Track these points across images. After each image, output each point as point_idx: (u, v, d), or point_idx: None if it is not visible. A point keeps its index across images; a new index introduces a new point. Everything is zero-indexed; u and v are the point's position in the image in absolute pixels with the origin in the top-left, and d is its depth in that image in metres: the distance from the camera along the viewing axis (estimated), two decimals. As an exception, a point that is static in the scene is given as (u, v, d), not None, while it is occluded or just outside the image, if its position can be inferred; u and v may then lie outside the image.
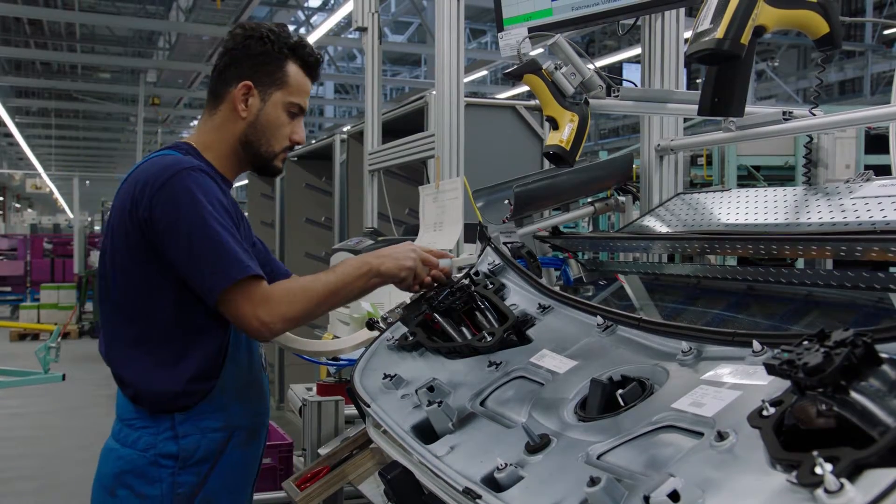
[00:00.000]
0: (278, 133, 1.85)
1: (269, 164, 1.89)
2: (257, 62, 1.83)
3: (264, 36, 1.83)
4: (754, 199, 1.97)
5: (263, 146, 1.85)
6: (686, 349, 1.33)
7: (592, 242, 2.11)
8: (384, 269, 1.79)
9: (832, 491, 0.76)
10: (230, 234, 1.68)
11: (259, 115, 1.83)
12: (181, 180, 1.68)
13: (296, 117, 1.88)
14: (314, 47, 1.91)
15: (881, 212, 1.59)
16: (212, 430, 1.75)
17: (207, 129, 1.87)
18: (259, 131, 1.84)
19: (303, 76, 1.87)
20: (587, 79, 1.87)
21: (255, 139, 1.84)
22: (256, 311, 1.65)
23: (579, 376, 1.43)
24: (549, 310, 1.72)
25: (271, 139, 1.85)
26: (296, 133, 1.89)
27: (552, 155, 1.84)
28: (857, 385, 0.86)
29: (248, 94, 1.82)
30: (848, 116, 1.78)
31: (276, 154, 1.87)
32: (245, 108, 1.82)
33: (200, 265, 1.65)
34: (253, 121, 1.83)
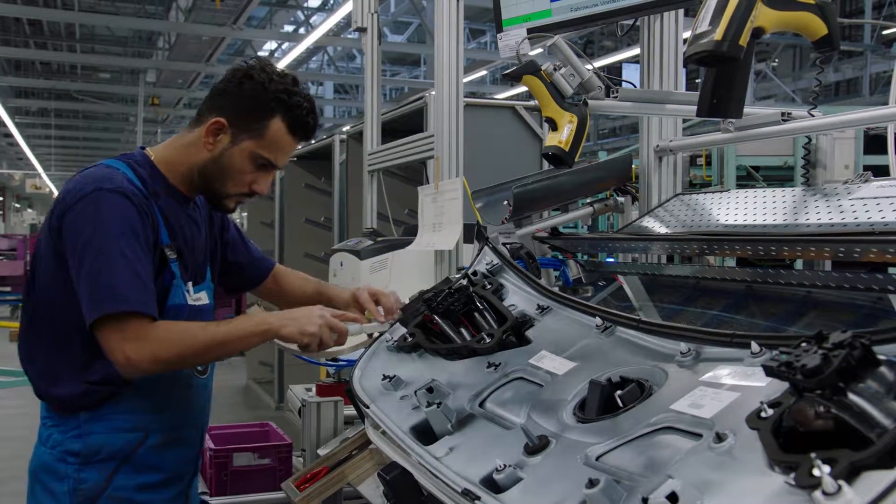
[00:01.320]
0: (237, 178, 1.81)
1: (219, 201, 1.86)
2: (242, 105, 1.78)
3: (261, 81, 1.78)
4: (753, 199, 1.97)
5: (217, 184, 1.82)
6: (685, 350, 1.33)
7: (591, 243, 2.12)
8: (285, 332, 1.74)
9: (830, 493, 0.76)
10: (128, 264, 1.64)
11: (223, 154, 1.79)
12: (95, 200, 1.66)
13: (264, 169, 1.83)
14: (315, 111, 1.85)
15: (880, 213, 1.59)
16: (120, 430, 1.76)
17: (176, 146, 1.85)
18: (217, 169, 1.80)
19: (285, 134, 1.80)
20: (586, 80, 1.87)
21: (211, 174, 1.81)
22: (124, 346, 1.62)
23: (578, 377, 1.43)
24: (547, 310, 1.72)
25: (227, 180, 1.82)
26: (258, 184, 1.84)
27: (551, 156, 1.84)
28: (854, 387, 0.86)
29: (219, 130, 1.79)
30: (846, 118, 1.78)
31: (228, 195, 1.84)
32: (212, 142, 1.79)
33: (83, 288, 1.64)
34: (215, 157, 1.80)
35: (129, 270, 1.63)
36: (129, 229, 1.66)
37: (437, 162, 2.95)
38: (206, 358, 1.78)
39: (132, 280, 1.64)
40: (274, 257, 7.38)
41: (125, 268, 1.63)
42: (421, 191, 3.06)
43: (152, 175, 1.80)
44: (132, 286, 1.64)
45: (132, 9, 14.22)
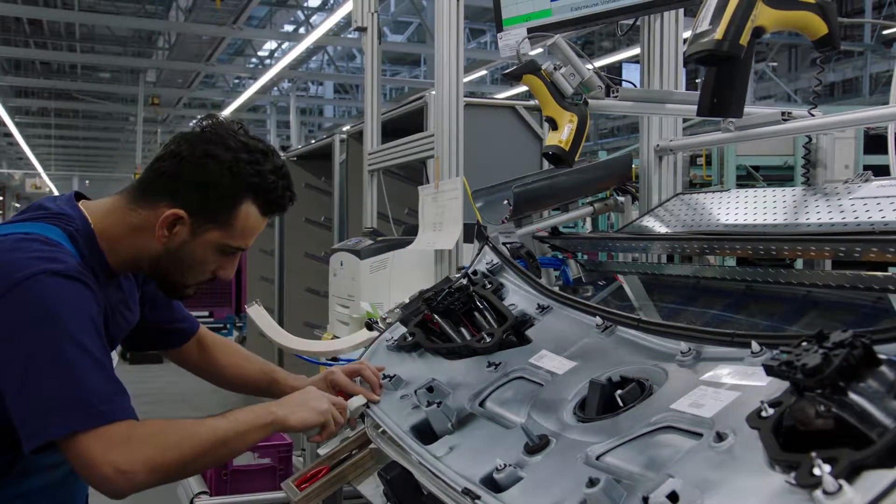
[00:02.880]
0: (198, 269, 1.55)
1: (174, 290, 1.59)
2: (205, 194, 1.48)
3: (226, 163, 1.47)
4: (753, 199, 1.97)
5: (175, 276, 1.55)
6: (685, 350, 1.33)
7: (592, 243, 2.12)
8: (294, 420, 1.48)
9: (831, 492, 0.76)
10: (92, 362, 1.33)
11: (182, 247, 1.51)
12: (32, 289, 1.32)
13: (231, 255, 1.56)
14: (290, 182, 1.57)
15: (880, 212, 1.59)
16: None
17: (118, 221, 1.52)
18: (175, 262, 1.52)
19: (257, 218, 1.53)
20: (586, 79, 1.87)
21: (166, 267, 1.53)
22: (112, 455, 1.28)
23: (578, 377, 1.43)
24: (548, 310, 1.73)
25: (186, 272, 1.55)
26: (223, 269, 1.57)
27: (551, 155, 1.84)
28: (855, 386, 0.86)
29: (176, 222, 1.48)
30: (847, 117, 1.78)
31: (186, 285, 1.57)
32: (167, 235, 1.49)
33: (34, 402, 1.29)
34: (173, 250, 1.51)
35: (96, 368, 1.33)
36: (88, 320, 1.37)
37: (437, 161, 2.95)
38: (207, 462, 1.43)
39: (106, 383, 1.34)
40: (274, 257, 7.39)
41: (92, 368, 1.33)
42: (421, 190, 3.06)
43: (92, 250, 1.49)
44: (108, 390, 1.33)
45: (132, 8, 14.23)
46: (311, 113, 23.92)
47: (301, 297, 6.80)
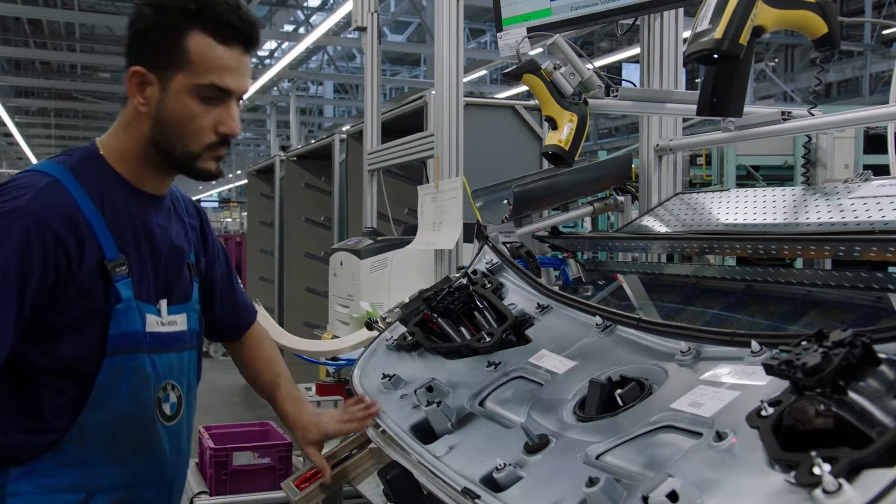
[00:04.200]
0: (191, 127, 1.42)
1: (192, 167, 1.47)
2: (151, 38, 1.42)
3: (157, 2, 1.42)
4: (753, 199, 1.97)
5: (176, 146, 1.44)
6: (685, 349, 1.33)
7: (591, 242, 2.12)
8: None
9: (830, 491, 0.76)
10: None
11: (161, 107, 1.42)
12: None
13: (217, 102, 1.43)
14: (238, 2, 1.45)
15: (880, 212, 1.59)
16: (58, 490, 1.41)
17: (119, 131, 1.49)
18: (165, 129, 1.43)
19: (214, 46, 1.41)
20: (586, 79, 1.87)
21: (163, 140, 1.44)
22: None
23: (578, 376, 1.43)
24: (547, 309, 1.72)
25: (184, 137, 1.43)
26: (223, 123, 1.44)
27: (551, 155, 1.84)
28: (855, 385, 0.86)
29: (143, 81, 1.42)
30: (846, 117, 1.78)
31: (196, 154, 1.45)
32: (143, 100, 1.43)
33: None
34: (155, 115, 1.43)
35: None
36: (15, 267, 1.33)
37: (436, 161, 2.95)
38: None
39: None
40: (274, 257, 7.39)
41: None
42: (421, 190, 3.06)
43: (103, 175, 1.46)
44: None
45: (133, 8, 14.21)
46: (310, 113, 23.92)
47: (301, 296, 6.81)
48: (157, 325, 1.51)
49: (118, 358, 1.44)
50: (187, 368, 1.61)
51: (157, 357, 1.51)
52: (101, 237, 1.42)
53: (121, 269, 1.44)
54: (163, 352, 1.52)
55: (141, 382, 1.48)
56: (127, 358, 1.45)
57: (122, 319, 1.44)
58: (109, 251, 1.43)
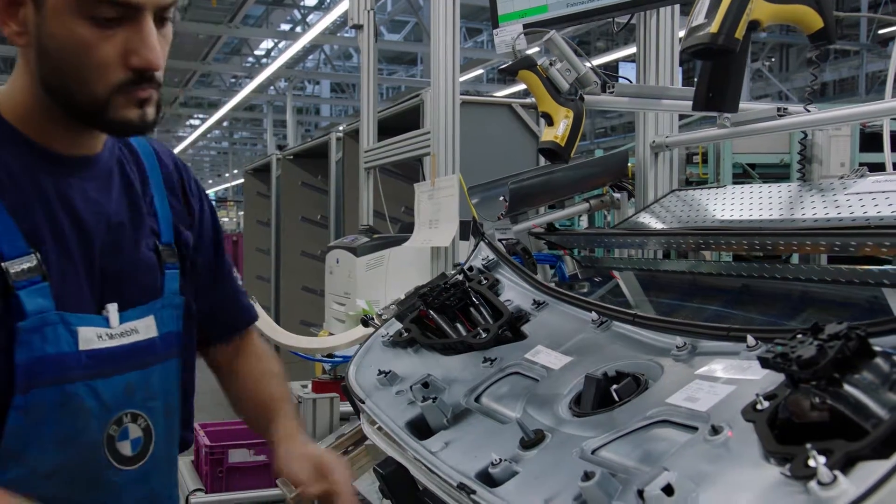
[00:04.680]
0: (87, 60, 1.02)
1: (102, 118, 1.06)
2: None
3: None
4: (749, 195, 1.97)
5: (76, 91, 1.04)
6: (681, 344, 1.33)
7: (587, 239, 2.12)
8: None
9: (825, 483, 0.76)
10: None
11: (42, 35, 1.03)
12: None
13: (120, 23, 1.01)
14: None
15: (875, 207, 1.59)
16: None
17: (14, 74, 1.11)
18: (55, 66, 1.04)
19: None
20: (582, 75, 1.86)
21: (56, 81, 1.05)
22: None
23: (574, 372, 1.43)
24: (543, 305, 1.72)
25: (80, 75, 1.03)
26: (133, 52, 1.03)
27: (547, 151, 1.84)
28: (850, 378, 0.86)
29: (12, 3, 1.04)
30: (842, 113, 1.78)
31: (103, 99, 1.04)
32: (17, 28, 1.04)
33: None
34: (39, 48, 1.04)
35: None
36: None
37: (433, 158, 2.94)
38: None
39: None
40: (270, 256, 7.37)
41: None
42: (417, 188, 3.06)
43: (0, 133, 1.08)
44: None
45: None
46: (307, 112, 23.89)
47: (297, 295, 6.80)
48: (100, 339, 1.10)
49: (36, 393, 1.05)
50: (161, 387, 1.21)
51: (101, 383, 1.11)
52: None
53: (27, 271, 1.04)
54: (110, 374, 1.12)
55: (75, 420, 1.09)
56: (48, 392, 1.06)
57: (33, 341, 1.04)
58: (9, 247, 1.03)
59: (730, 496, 0.89)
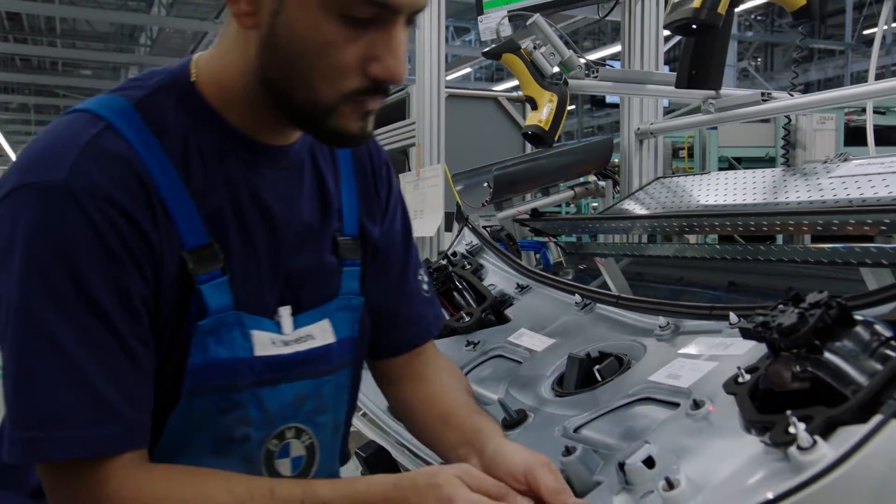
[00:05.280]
0: (326, 62, 0.87)
1: (322, 125, 0.91)
2: None
3: None
4: (733, 181, 1.97)
5: (300, 91, 0.89)
6: (664, 324, 1.33)
7: (572, 224, 2.11)
8: None
9: (805, 448, 0.75)
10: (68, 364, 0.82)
11: (276, 25, 0.87)
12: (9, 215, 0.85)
13: (372, 25, 0.87)
14: None
15: (858, 189, 1.60)
16: None
17: (218, 47, 0.97)
18: (283, 60, 0.88)
19: None
20: (566, 59, 1.86)
21: (279, 76, 0.90)
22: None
23: (557, 354, 1.42)
24: (527, 289, 1.72)
25: (313, 76, 0.88)
26: (377, 59, 0.88)
27: (531, 135, 1.83)
28: (831, 345, 0.85)
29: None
30: (826, 96, 1.78)
31: (330, 106, 0.88)
32: (248, 9, 0.88)
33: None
34: (268, 41, 0.88)
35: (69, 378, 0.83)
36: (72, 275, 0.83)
37: (418, 149, 2.93)
38: None
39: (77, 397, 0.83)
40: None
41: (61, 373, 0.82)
42: (402, 178, 3.04)
43: (190, 111, 0.94)
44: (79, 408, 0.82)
45: (114, 3, 14.11)
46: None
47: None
48: (274, 345, 0.97)
49: (200, 399, 0.93)
50: (333, 400, 1.05)
51: (268, 391, 0.97)
52: (177, 213, 0.90)
53: (209, 264, 0.92)
54: (278, 382, 0.98)
55: (233, 429, 0.95)
56: (213, 398, 0.93)
57: (208, 343, 0.92)
58: (191, 235, 0.91)
59: (710, 466, 0.88)
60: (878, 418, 0.74)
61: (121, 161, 0.88)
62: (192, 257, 0.92)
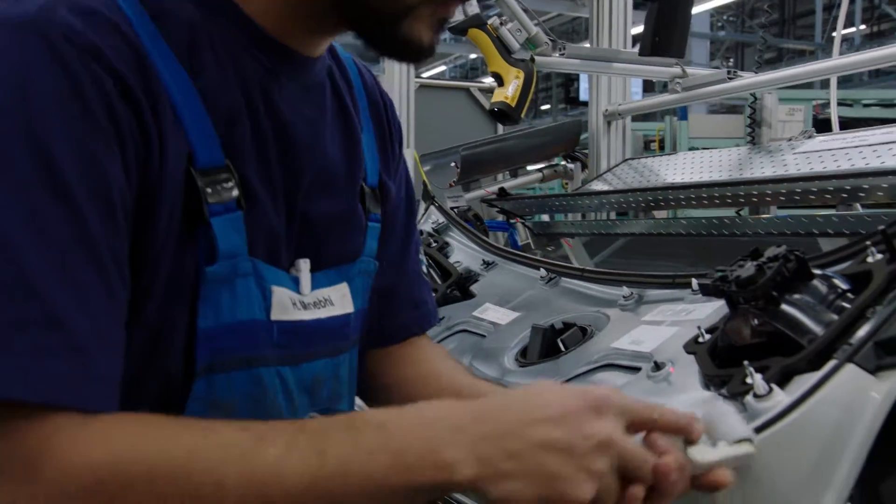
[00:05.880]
0: None
1: (390, 28, 0.71)
2: None
3: None
4: (700, 160, 1.97)
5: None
6: (627, 294, 1.32)
7: (539, 203, 2.10)
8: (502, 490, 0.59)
9: (761, 395, 0.75)
10: (40, 246, 0.56)
11: None
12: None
13: None
14: None
15: (822, 164, 1.60)
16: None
17: None
18: None
19: None
20: (533, 35, 1.84)
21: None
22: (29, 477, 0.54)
23: (521, 326, 1.41)
24: (492, 265, 1.70)
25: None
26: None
27: (497, 111, 1.81)
28: (788, 298, 0.84)
29: None
30: (790, 73, 1.79)
31: (409, 6, 0.70)
32: None
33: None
34: None
35: (7, 276, 0.55)
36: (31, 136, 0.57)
37: (387, 134, 2.91)
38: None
39: (17, 307, 0.55)
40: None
41: (48, 256, 0.56)
42: (372, 164, 3.01)
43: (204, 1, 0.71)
44: (18, 323, 0.55)
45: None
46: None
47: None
48: (294, 307, 0.75)
49: (221, 381, 0.70)
50: (348, 384, 0.85)
51: (290, 371, 0.75)
52: (185, 115, 0.66)
53: (224, 192, 0.68)
54: (298, 361, 0.76)
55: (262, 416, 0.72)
56: (237, 377, 0.70)
57: (222, 298, 0.69)
58: (204, 149, 0.68)
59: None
60: (832, 363, 0.73)
61: (108, 22, 0.63)
62: (206, 179, 0.67)
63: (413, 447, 0.58)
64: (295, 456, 0.57)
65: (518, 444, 0.59)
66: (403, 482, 0.58)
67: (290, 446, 0.58)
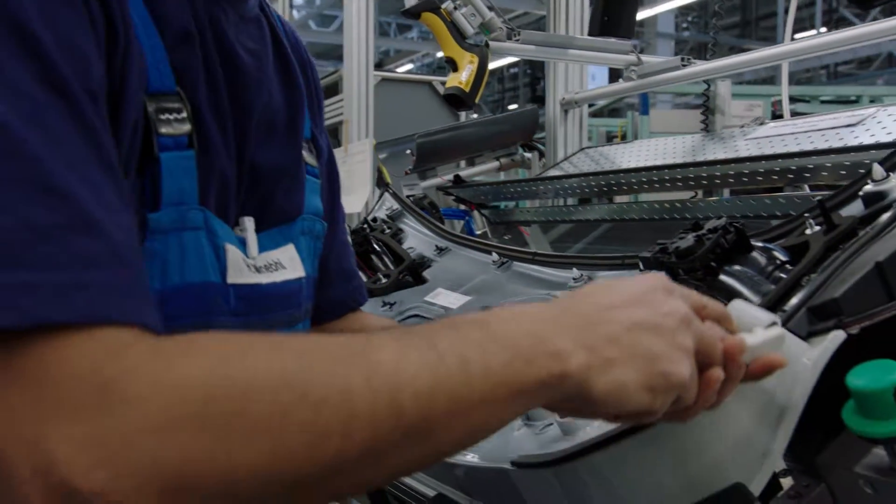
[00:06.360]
0: None
1: None
2: None
3: None
4: (654, 147, 1.98)
5: None
6: (577, 276, 1.31)
7: (495, 190, 2.09)
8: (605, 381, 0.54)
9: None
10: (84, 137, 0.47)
11: None
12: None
13: None
14: None
15: (772, 149, 1.61)
16: None
17: None
18: None
19: None
20: (487, 20, 1.83)
21: None
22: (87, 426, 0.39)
23: (472, 310, 1.39)
24: (445, 251, 1.69)
25: None
26: None
27: (451, 97, 1.79)
28: (728, 269, 0.84)
29: None
30: (742, 59, 1.80)
31: None
32: None
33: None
34: None
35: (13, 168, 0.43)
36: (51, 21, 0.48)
37: (346, 124, 2.87)
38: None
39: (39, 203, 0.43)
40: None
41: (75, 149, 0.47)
42: (331, 155, 2.98)
43: None
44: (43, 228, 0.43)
45: None
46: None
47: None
48: (248, 270, 0.67)
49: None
50: None
51: None
52: (140, 32, 0.58)
53: (175, 124, 0.60)
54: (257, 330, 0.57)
55: None
56: None
57: (170, 254, 0.60)
58: (154, 69, 0.59)
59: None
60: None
61: None
62: (156, 105, 0.58)
63: (522, 341, 0.52)
64: (413, 355, 0.49)
65: (613, 328, 0.55)
66: (521, 377, 0.51)
67: (404, 346, 0.49)
